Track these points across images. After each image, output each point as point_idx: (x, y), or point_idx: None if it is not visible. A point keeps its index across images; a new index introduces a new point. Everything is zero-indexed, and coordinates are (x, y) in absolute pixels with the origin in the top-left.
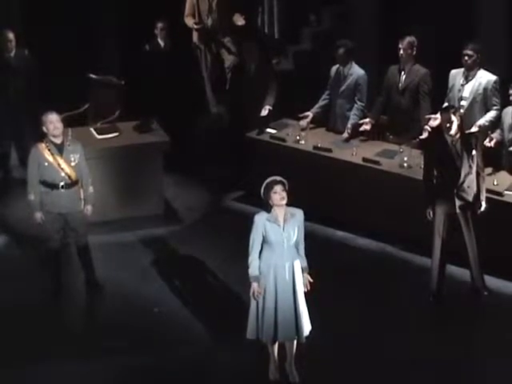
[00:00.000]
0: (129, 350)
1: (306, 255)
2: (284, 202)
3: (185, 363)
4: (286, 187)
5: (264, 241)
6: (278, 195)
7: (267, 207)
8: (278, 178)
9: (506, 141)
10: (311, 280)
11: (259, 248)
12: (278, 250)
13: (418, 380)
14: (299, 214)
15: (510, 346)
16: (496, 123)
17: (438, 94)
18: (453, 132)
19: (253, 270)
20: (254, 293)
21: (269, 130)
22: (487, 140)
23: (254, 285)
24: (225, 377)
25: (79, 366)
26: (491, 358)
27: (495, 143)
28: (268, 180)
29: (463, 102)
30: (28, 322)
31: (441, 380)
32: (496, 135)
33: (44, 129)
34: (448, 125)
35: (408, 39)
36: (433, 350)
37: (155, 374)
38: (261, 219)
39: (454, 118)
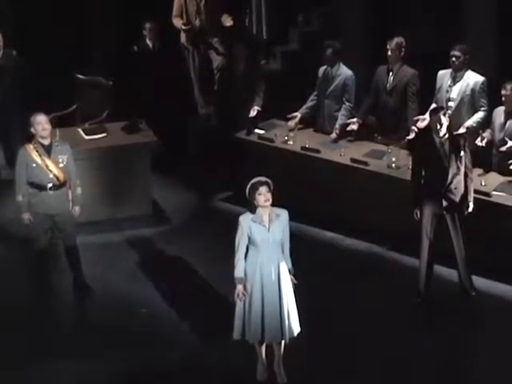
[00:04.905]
0: (116, 351)
1: (295, 256)
2: (268, 203)
3: (172, 364)
4: (271, 188)
5: (249, 242)
6: (263, 196)
7: (252, 208)
8: (263, 179)
9: (497, 141)
10: (295, 281)
11: (244, 249)
12: (264, 251)
13: (405, 380)
14: (284, 214)
15: (498, 346)
16: (484, 124)
17: (426, 95)
18: (442, 133)
19: (238, 272)
20: (238, 294)
21: (257, 130)
22: (479, 139)
23: (239, 286)
24: (212, 377)
25: (66, 366)
26: (479, 358)
27: (486, 143)
28: (253, 181)
29: (451, 103)
30: (15, 322)
31: (428, 380)
32: (487, 135)
33: (32, 130)
34: (438, 126)
35: (396, 40)
36: (420, 351)
37: (142, 375)
38: (246, 220)
39: (443, 119)
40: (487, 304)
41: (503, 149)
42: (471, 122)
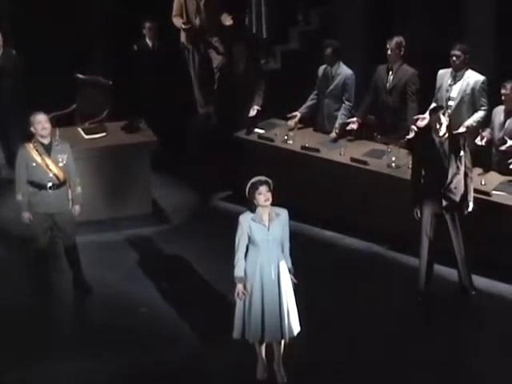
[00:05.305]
0: (116, 351)
1: (295, 255)
2: (268, 202)
3: (172, 364)
4: (271, 187)
5: (249, 241)
6: (263, 196)
7: (252, 207)
8: (263, 179)
9: (497, 140)
10: (295, 281)
11: (244, 248)
12: (264, 250)
13: (406, 380)
14: (284, 213)
15: (497, 345)
16: (484, 123)
17: (426, 95)
18: (442, 133)
19: (238, 271)
20: (238, 294)
21: (257, 129)
22: (478, 138)
23: (239, 286)
24: (212, 377)
25: (66, 366)
26: (479, 357)
27: (486, 142)
28: (253, 180)
29: (451, 103)
30: (15, 322)
31: (428, 379)
32: (486, 134)
33: (32, 129)
34: (438, 125)
35: (396, 39)
36: (421, 350)
37: (142, 375)
38: (246, 219)
39: (443, 118)
40: (487, 304)
41: (503, 148)
42: (471, 121)
